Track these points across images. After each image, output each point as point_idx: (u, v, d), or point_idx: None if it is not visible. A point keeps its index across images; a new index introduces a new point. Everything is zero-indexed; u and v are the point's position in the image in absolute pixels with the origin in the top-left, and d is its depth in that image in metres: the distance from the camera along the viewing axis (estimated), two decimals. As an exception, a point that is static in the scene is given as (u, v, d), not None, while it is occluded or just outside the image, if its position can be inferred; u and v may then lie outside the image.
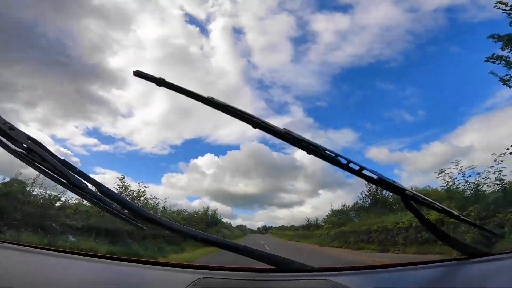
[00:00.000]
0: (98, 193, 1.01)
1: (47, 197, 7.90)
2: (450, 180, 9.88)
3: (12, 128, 0.89)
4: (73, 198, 8.56)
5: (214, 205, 39.60)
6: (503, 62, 7.69)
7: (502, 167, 8.38)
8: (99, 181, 1.04)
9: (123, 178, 11.66)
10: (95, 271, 1.12)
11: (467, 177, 9.40)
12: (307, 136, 1.01)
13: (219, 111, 1.02)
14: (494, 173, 8.60)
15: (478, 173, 9.08)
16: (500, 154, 8.24)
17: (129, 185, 11.80)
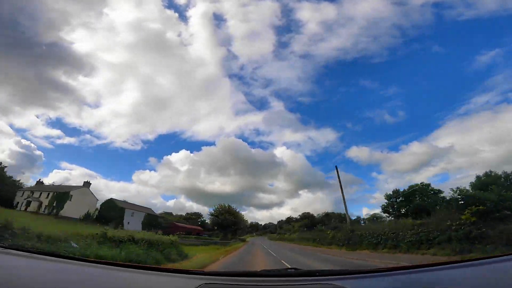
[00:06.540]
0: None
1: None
2: None
3: None
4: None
5: (190, 204, 38.74)
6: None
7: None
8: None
9: None
10: (99, 277, 1.12)
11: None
12: (287, 132, 1.04)
13: (197, 105, 1.08)
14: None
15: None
16: None
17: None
